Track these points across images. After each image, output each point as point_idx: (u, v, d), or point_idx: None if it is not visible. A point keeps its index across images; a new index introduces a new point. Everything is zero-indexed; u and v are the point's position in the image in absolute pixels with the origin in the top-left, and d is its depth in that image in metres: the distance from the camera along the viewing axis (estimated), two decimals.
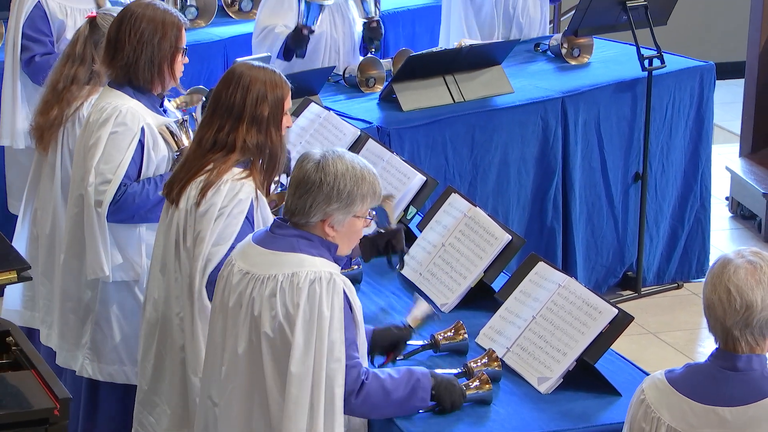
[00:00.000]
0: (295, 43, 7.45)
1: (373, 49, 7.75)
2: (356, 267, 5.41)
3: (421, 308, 4.92)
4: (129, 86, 5.49)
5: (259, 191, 4.96)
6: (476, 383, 4.68)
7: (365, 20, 7.70)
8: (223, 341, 4.58)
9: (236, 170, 4.94)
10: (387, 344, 4.86)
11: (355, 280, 5.36)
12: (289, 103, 5.05)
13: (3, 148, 7.33)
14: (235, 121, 4.94)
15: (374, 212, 4.64)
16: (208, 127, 4.98)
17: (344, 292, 4.43)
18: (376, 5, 7.69)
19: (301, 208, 4.43)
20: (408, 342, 4.91)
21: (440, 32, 8.22)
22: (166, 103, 5.73)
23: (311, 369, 4.38)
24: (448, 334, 5.10)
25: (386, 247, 5.12)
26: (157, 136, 5.47)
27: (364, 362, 4.54)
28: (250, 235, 4.67)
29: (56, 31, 7.07)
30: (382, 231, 5.09)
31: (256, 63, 5.12)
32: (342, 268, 4.58)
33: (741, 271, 3.87)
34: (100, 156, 5.40)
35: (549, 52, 8.02)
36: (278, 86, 4.99)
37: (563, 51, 7.96)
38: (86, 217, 5.48)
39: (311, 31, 7.45)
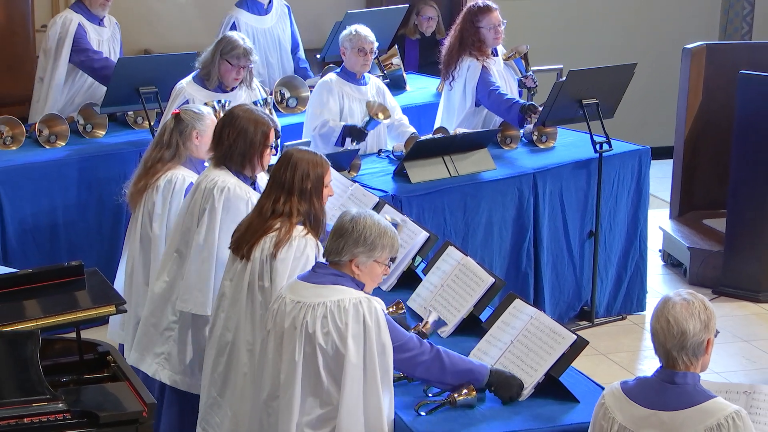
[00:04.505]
0: (357, 138, 7.47)
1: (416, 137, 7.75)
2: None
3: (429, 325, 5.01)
4: (228, 168, 5.51)
5: (318, 243, 5.01)
6: (465, 391, 4.67)
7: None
8: (276, 357, 4.60)
9: (299, 228, 4.98)
10: None
11: None
12: (329, 178, 5.08)
13: None
14: (287, 194, 4.98)
15: (392, 263, 4.68)
16: (267, 198, 5.03)
17: (381, 309, 4.54)
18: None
19: (336, 249, 4.55)
20: None
21: (436, 119, 8.21)
22: None
23: (362, 365, 4.47)
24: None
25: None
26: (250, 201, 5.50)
27: None
28: (297, 275, 4.72)
29: None
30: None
31: (304, 147, 5.18)
32: None
33: (678, 306, 3.88)
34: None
35: (523, 138, 8.00)
36: (319, 165, 5.04)
37: (534, 137, 7.95)
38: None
39: (367, 133, 7.49)
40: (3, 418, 4.48)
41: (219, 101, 7.05)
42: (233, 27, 8.50)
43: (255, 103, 7.12)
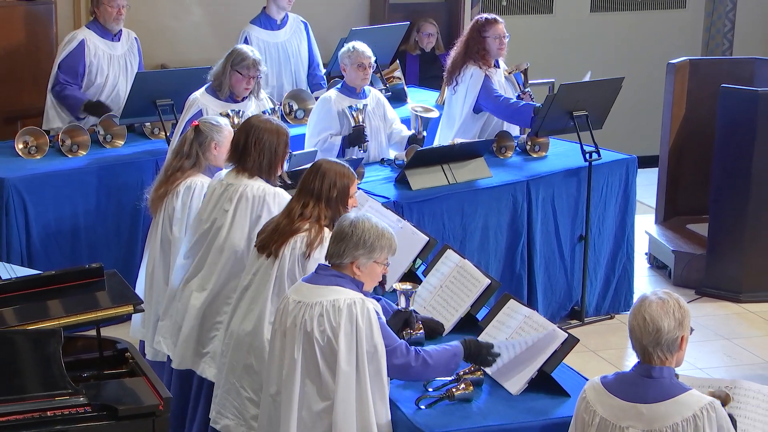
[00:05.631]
0: (358, 140, 7.47)
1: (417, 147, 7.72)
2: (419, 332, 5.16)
3: (402, 302, 4.99)
4: (257, 176, 5.53)
5: None
6: (462, 386, 4.66)
7: (415, 133, 7.72)
8: (282, 353, 4.61)
9: (327, 230, 5.01)
10: (401, 325, 4.94)
11: (419, 343, 5.18)
12: (354, 189, 5.14)
13: None
14: (316, 200, 5.03)
15: (389, 262, 4.67)
16: (297, 202, 5.07)
17: (375, 311, 4.53)
18: (422, 127, 7.71)
19: (337, 252, 4.56)
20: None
21: (438, 130, 8.20)
22: None
23: (354, 367, 4.46)
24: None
25: (404, 325, 5.03)
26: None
27: None
28: (302, 277, 4.74)
29: None
30: (401, 310, 5.01)
31: (333, 159, 5.22)
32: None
33: (653, 305, 3.91)
34: None
35: (517, 148, 8.00)
36: (346, 176, 5.10)
37: (527, 147, 7.94)
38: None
39: (364, 127, 7.46)
40: (27, 411, 4.48)
41: (234, 110, 7.08)
42: (245, 41, 8.59)
43: (264, 112, 7.14)
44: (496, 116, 7.91)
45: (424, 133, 7.71)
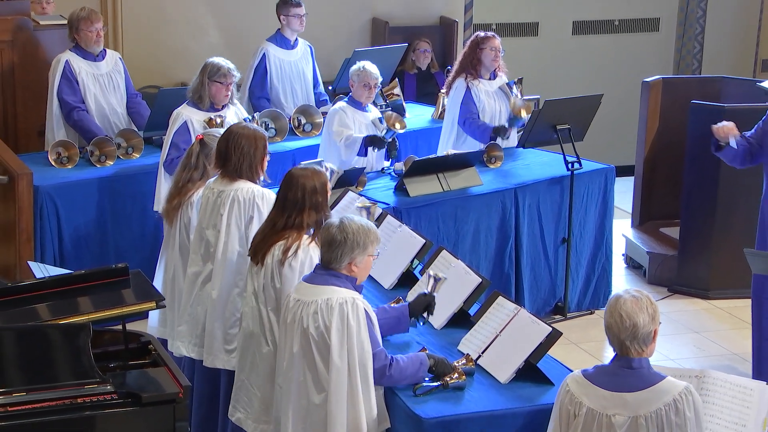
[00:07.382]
0: (377, 145, 7.50)
1: (393, 157, 7.74)
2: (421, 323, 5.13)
3: (430, 286, 4.97)
4: (240, 179, 5.50)
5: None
6: (456, 375, 4.66)
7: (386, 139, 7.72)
8: (284, 347, 4.60)
9: (305, 238, 4.97)
10: (421, 308, 4.93)
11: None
12: (329, 185, 5.10)
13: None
14: (299, 210, 4.97)
15: (378, 252, 4.70)
16: (281, 215, 5.00)
17: (365, 309, 4.52)
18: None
19: (335, 258, 4.56)
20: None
21: (439, 142, 8.20)
22: None
23: (347, 362, 4.44)
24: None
25: (424, 309, 5.00)
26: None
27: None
28: (303, 276, 4.76)
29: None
30: (426, 294, 4.98)
31: (302, 165, 5.18)
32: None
33: (628, 302, 3.92)
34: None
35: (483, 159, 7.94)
36: (321, 175, 5.04)
37: (484, 159, 7.80)
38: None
39: (386, 141, 7.51)
40: (59, 398, 4.48)
41: (216, 115, 7.11)
42: (263, 57, 8.60)
43: (245, 120, 7.18)
44: (466, 133, 7.92)
45: (390, 139, 7.66)
